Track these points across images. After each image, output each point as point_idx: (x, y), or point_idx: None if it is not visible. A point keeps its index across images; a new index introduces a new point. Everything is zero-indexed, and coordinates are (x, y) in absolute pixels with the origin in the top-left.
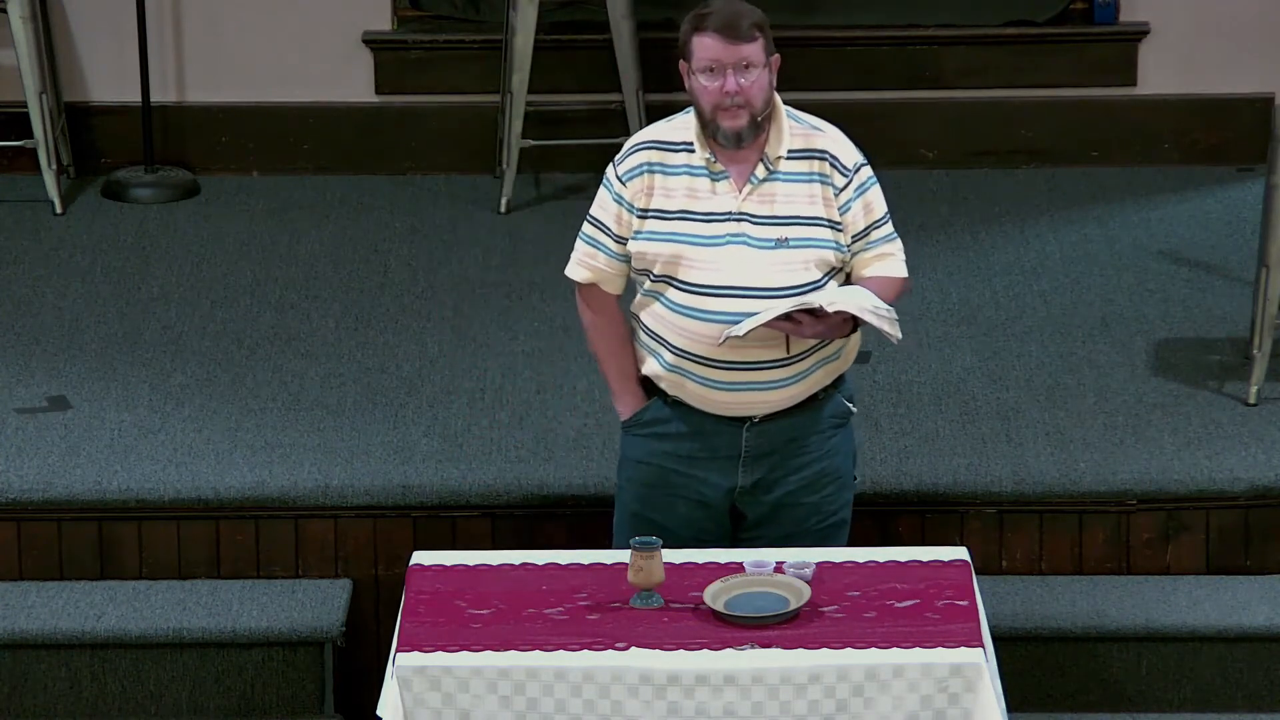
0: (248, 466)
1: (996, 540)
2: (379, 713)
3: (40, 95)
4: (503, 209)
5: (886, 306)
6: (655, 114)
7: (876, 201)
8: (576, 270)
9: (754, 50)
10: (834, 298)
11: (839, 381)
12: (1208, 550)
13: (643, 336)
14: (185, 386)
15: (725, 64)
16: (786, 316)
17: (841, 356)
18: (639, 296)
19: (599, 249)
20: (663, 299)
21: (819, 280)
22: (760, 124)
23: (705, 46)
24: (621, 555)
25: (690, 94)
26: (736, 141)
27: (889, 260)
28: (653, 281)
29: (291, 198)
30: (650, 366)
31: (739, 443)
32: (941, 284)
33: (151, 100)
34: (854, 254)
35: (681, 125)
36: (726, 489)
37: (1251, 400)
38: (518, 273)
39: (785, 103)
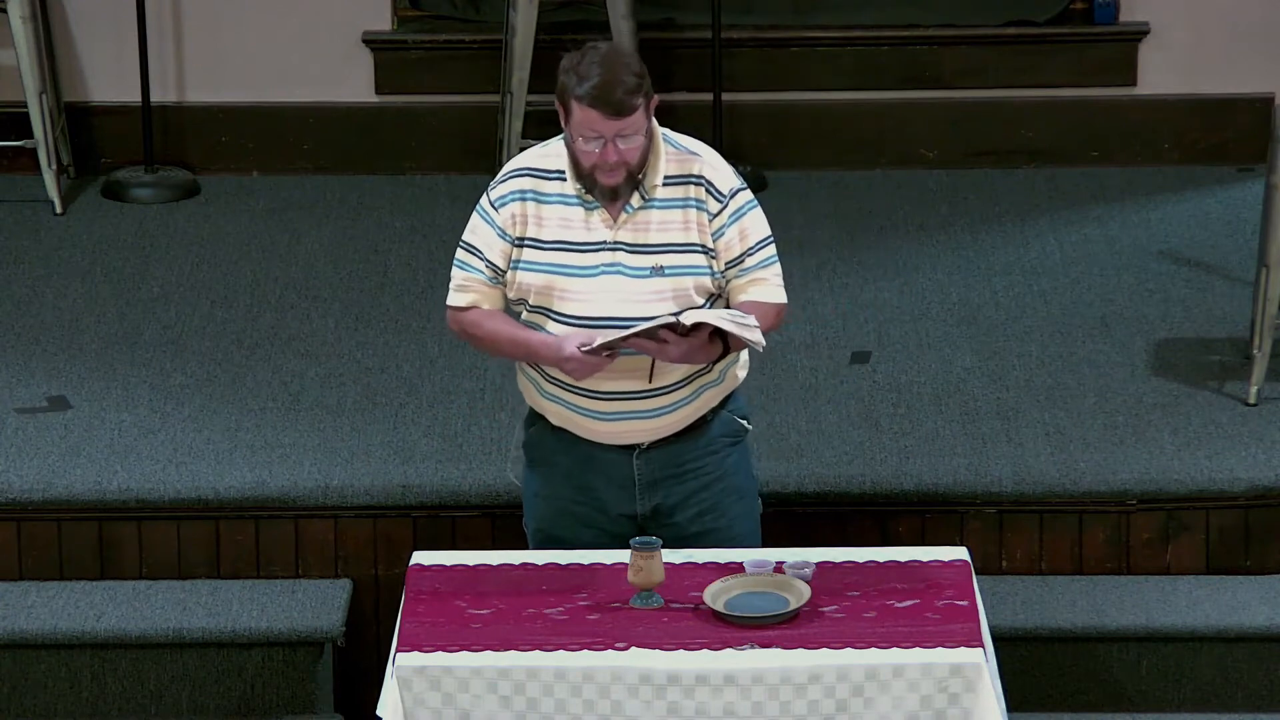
0: (248, 466)
1: (996, 540)
2: (379, 713)
3: (40, 95)
4: None
5: (741, 314)
6: (655, 114)
7: (753, 227)
8: (456, 297)
9: (634, 120)
10: (690, 314)
11: (727, 401)
12: (1208, 550)
13: (521, 365)
14: (185, 386)
15: (605, 135)
16: (652, 337)
17: (725, 379)
18: None
19: (473, 273)
20: (540, 331)
21: (699, 307)
22: (635, 175)
23: (584, 117)
24: (621, 555)
25: (566, 138)
26: (612, 196)
27: (763, 285)
28: (529, 312)
29: (291, 198)
30: (532, 396)
31: (630, 470)
32: (941, 284)
33: (151, 100)
34: (729, 280)
35: (555, 153)
36: (625, 515)
37: (1251, 400)
38: None
39: (784, 104)
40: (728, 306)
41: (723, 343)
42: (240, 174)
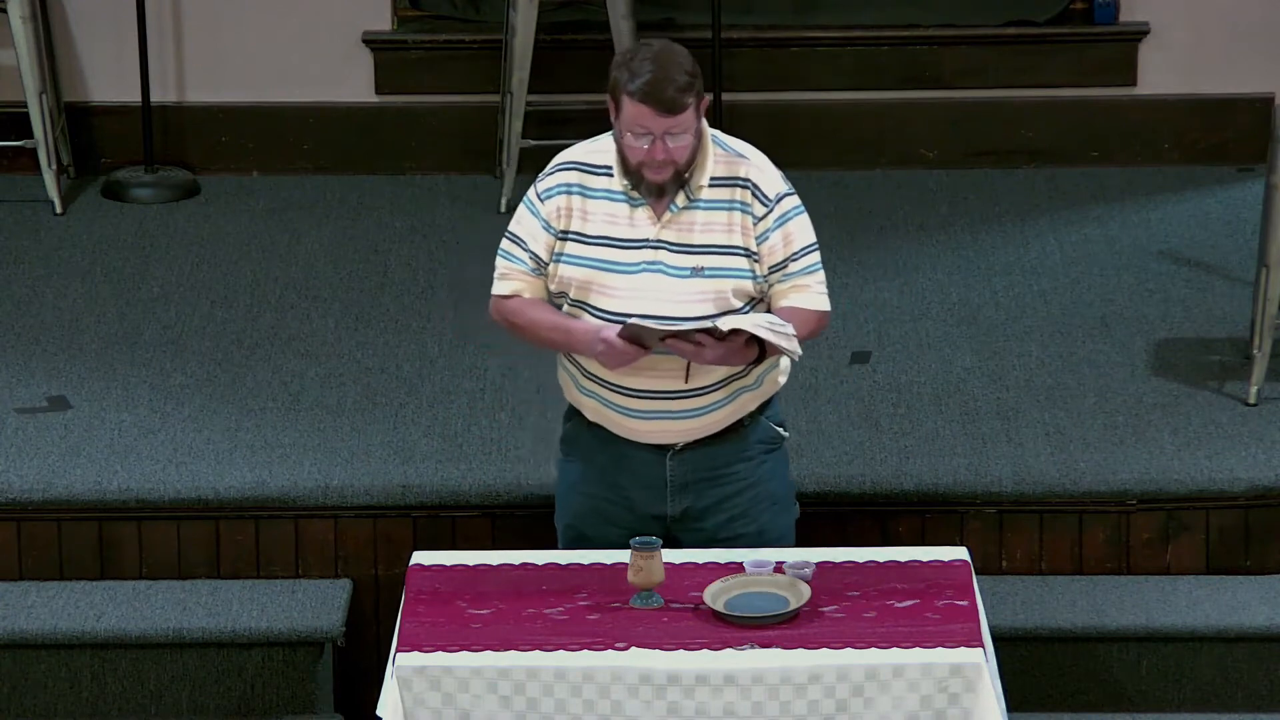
0: (248, 466)
1: (996, 540)
2: (379, 713)
3: (40, 95)
4: (503, 209)
5: (780, 321)
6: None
7: (799, 233)
8: (499, 285)
9: (685, 118)
10: (728, 319)
11: (765, 407)
12: (1208, 550)
13: (561, 358)
14: (185, 386)
15: (655, 132)
16: (688, 339)
17: (763, 384)
18: None
19: (516, 263)
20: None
21: (738, 310)
22: (682, 175)
23: (634, 112)
24: (621, 555)
25: (615, 134)
26: (659, 194)
27: (805, 292)
28: (569, 305)
29: (291, 198)
30: (570, 390)
31: (663, 471)
32: (941, 284)
33: (151, 100)
34: (771, 285)
35: (604, 148)
36: (655, 516)
37: (1251, 400)
38: None
39: (784, 104)
40: (769, 311)
41: (760, 348)
42: (240, 174)
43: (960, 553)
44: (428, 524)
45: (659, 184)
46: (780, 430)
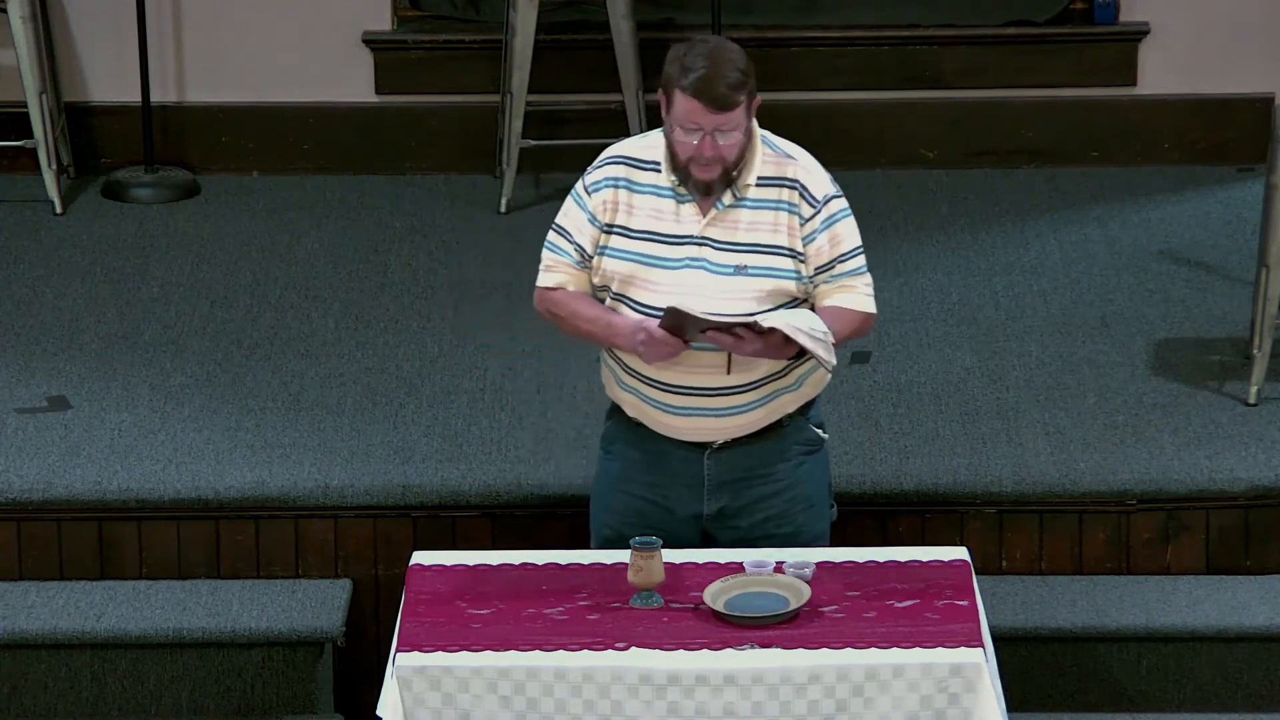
0: (248, 466)
1: (996, 540)
2: (379, 713)
3: (40, 95)
4: (503, 209)
5: (824, 329)
6: (655, 114)
7: (846, 235)
8: (544, 277)
9: (735, 115)
10: (770, 316)
11: (806, 408)
12: (1208, 550)
13: (604, 354)
14: (185, 386)
15: (704, 128)
16: (730, 331)
17: (803, 385)
18: None
19: (562, 255)
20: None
21: (780, 309)
22: (730, 173)
23: (685, 107)
24: (621, 555)
25: (665, 129)
26: (705, 191)
27: (851, 293)
28: (611, 299)
29: (291, 198)
30: (611, 386)
31: (700, 469)
32: (941, 284)
33: (151, 100)
34: (816, 285)
35: (654, 144)
36: (691, 515)
37: (1251, 400)
38: (518, 273)
39: (784, 104)
40: (812, 310)
41: (801, 348)
42: (240, 174)
43: (960, 553)
44: (428, 524)
45: (706, 182)
46: (820, 432)
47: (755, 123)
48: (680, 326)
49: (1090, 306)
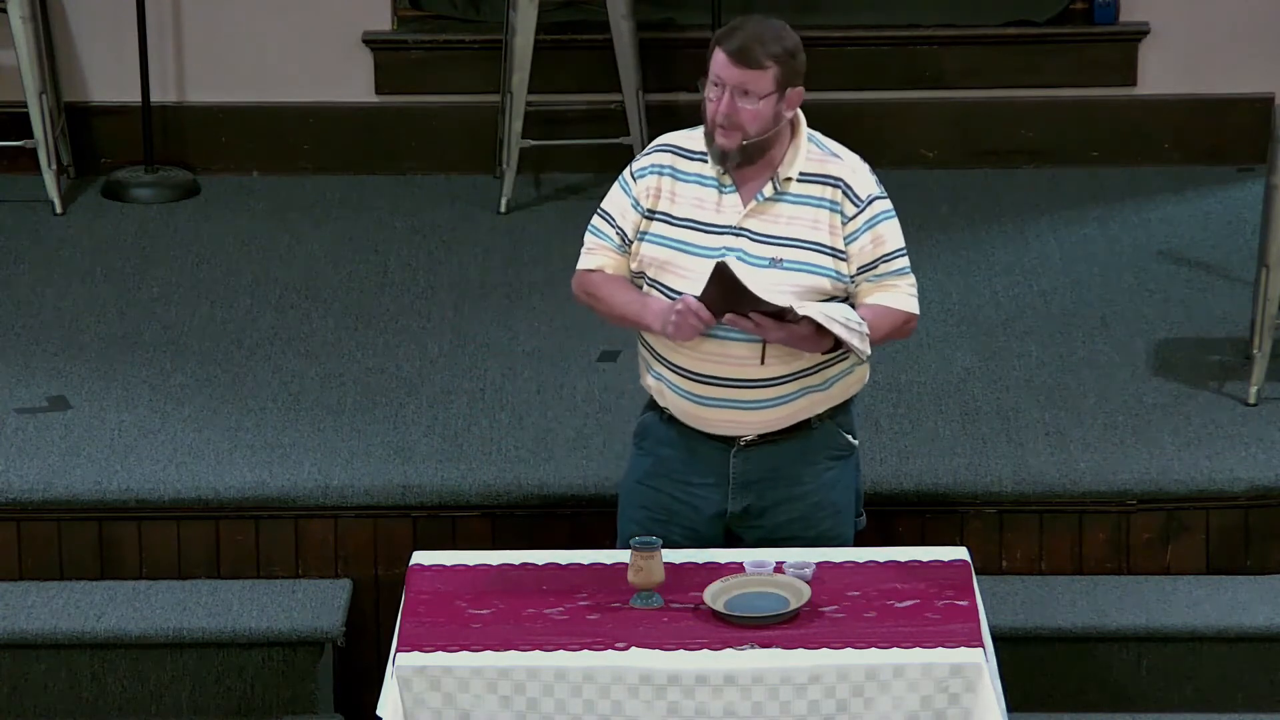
0: (248, 466)
1: (996, 540)
2: (379, 713)
3: (40, 95)
4: (503, 209)
5: (858, 320)
6: (655, 114)
7: (890, 236)
8: (585, 259)
9: (757, 79)
10: (806, 306)
11: (837, 412)
12: (1208, 550)
13: (640, 343)
14: (185, 386)
15: (726, 84)
16: (749, 315)
17: (832, 387)
18: None
19: (604, 239)
20: None
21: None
22: (750, 151)
23: (716, 61)
24: (621, 555)
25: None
26: (722, 159)
27: (894, 292)
28: (647, 285)
29: (291, 198)
30: (643, 375)
31: (727, 466)
32: (941, 284)
33: (151, 100)
34: (858, 284)
35: (701, 134)
36: (717, 514)
37: (1251, 400)
38: (518, 273)
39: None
40: (853, 308)
41: (834, 343)
42: (240, 174)
43: (960, 553)
44: (428, 524)
45: (723, 149)
46: (850, 438)
47: (802, 118)
48: (723, 287)
49: (1090, 306)
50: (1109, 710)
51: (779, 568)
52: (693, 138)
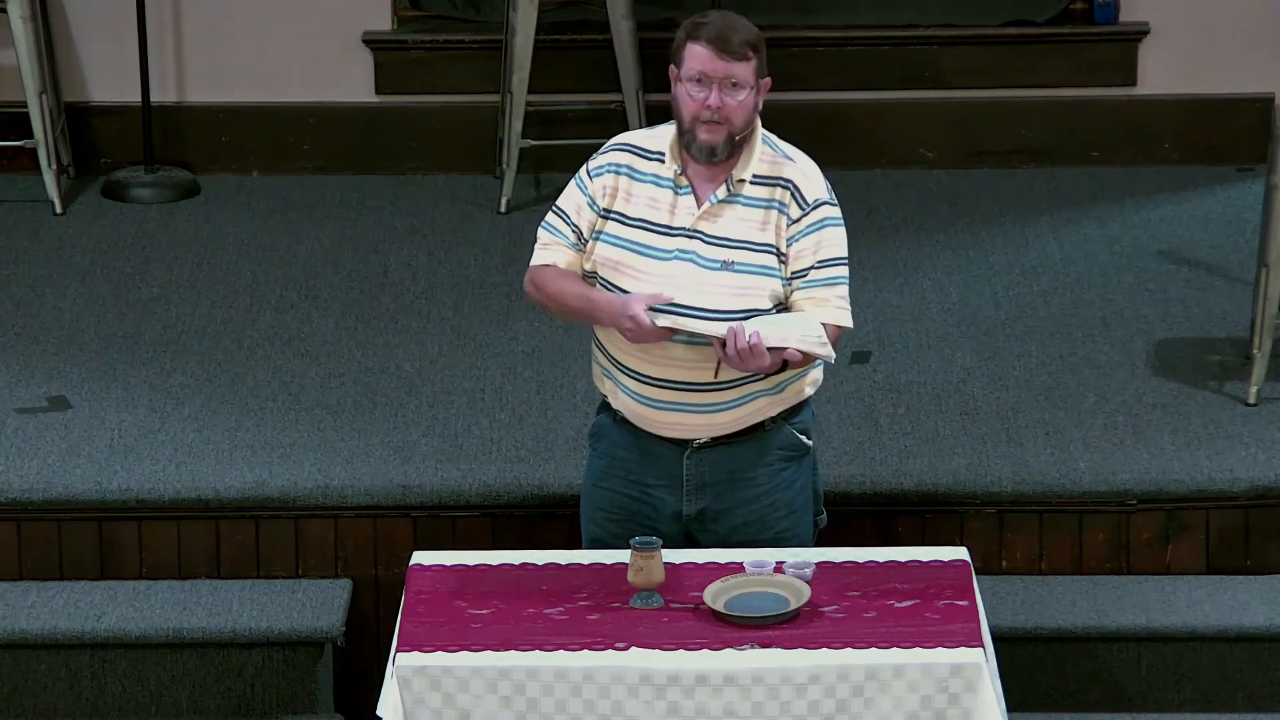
0: (248, 466)
1: (996, 540)
2: (379, 713)
3: (40, 95)
4: (503, 209)
5: (818, 331)
6: (655, 114)
7: (830, 243)
8: (539, 254)
9: (744, 70)
10: (760, 327)
11: (790, 414)
12: (1208, 550)
13: (594, 343)
14: (185, 386)
15: (713, 78)
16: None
17: (784, 390)
18: None
19: (558, 236)
20: None
21: (767, 310)
22: (736, 143)
23: (696, 55)
24: (621, 555)
25: (673, 100)
26: (709, 155)
27: (824, 306)
28: (599, 285)
29: (291, 198)
30: (597, 376)
31: (680, 468)
32: (941, 284)
33: (151, 100)
34: (791, 291)
35: (660, 135)
36: (674, 514)
37: (1251, 400)
38: (518, 273)
39: (784, 104)
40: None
41: (784, 361)
42: (240, 174)
43: (960, 553)
44: (428, 524)
45: (711, 145)
46: (804, 439)
47: (760, 122)
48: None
49: (1090, 306)
50: (1109, 710)
51: (779, 568)
52: (652, 137)
